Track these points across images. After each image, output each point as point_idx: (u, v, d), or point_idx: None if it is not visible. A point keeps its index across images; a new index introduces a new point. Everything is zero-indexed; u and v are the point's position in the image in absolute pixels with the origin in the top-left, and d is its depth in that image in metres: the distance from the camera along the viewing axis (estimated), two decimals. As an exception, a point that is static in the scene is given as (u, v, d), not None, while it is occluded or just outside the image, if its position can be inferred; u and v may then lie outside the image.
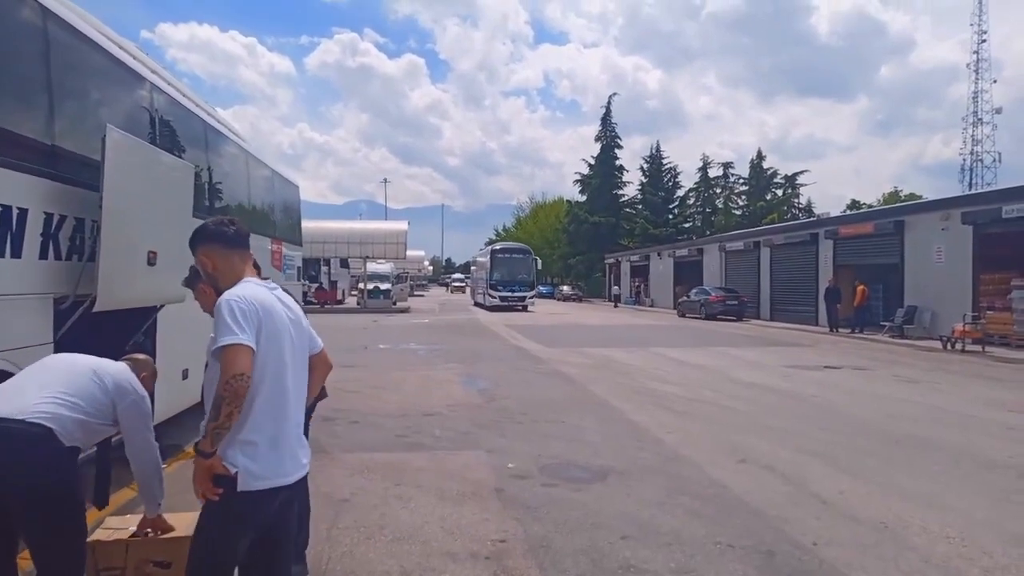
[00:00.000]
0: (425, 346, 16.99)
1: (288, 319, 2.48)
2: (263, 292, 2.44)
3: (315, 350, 2.68)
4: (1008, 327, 17.31)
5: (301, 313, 2.62)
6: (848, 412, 8.94)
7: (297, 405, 2.48)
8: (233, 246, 2.56)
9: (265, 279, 2.60)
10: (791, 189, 57.14)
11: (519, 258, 38.78)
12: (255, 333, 2.29)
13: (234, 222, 2.62)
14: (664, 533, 4.45)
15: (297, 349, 2.51)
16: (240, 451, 2.29)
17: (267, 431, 2.34)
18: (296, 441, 2.46)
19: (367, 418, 8.05)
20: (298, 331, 2.53)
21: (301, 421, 2.53)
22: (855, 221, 26.13)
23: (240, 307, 2.29)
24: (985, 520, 4.80)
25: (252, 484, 2.28)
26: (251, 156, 9.94)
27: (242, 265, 2.56)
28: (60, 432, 2.66)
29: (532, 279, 38.49)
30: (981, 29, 67.32)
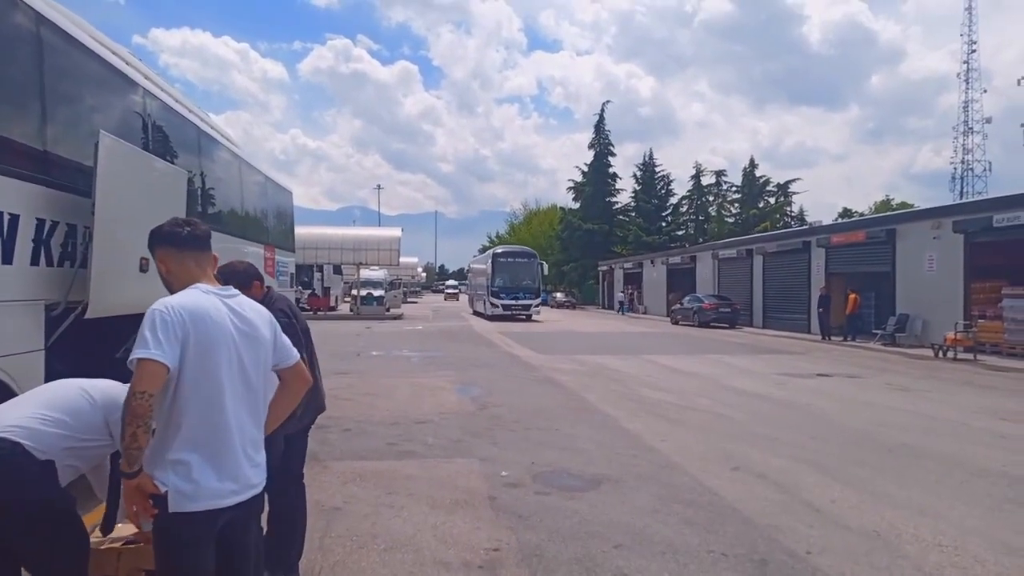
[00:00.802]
0: (418, 353, 16.96)
1: (235, 330, 2.33)
2: (203, 300, 2.29)
3: (286, 363, 2.52)
4: (999, 335, 17.41)
5: (263, 325, 2.45)
6: (840, 420, 8.96)
7: (243, 423, 2.32)
8: (187, 248, 2.43)
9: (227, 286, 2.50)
10: (783, 197, 57.37)
11: (523, 263, 35.55)
12: (177, 346, 2.16)
13: (191, 223, 2.49)
14: (658, 542, 4.44)
15: (246, 363, 2.34)
16: (171, 471, 2.17)
17: (202, 450, 2.21)
18: (243, 461, 2.31)
19: (359, 426, 8.02)
20: (249, 344, 2.36)
21: (254, 439, 2.38)
22: (847, 229, 26.24)
23: (163, 318, 2.17)
24: (977, 529, 4.81)
25: (186, 505, 2.17)
26: (244, 162, 9.92)
27: (197, 269, 2.43)
28: (32, 446, 2.55)
29: (538, 286, 35.09)
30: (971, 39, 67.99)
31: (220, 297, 2.37)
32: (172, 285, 2.41)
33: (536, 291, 34.75)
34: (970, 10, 67.46)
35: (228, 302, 2.38)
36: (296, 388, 2.60)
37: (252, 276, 3.56)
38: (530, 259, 36.05)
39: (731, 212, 59.17)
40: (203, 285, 2.38)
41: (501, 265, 35.05)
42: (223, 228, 8.48)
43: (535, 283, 35.04)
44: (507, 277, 34.54)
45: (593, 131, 62.14)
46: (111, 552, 3.04)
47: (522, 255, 36.71)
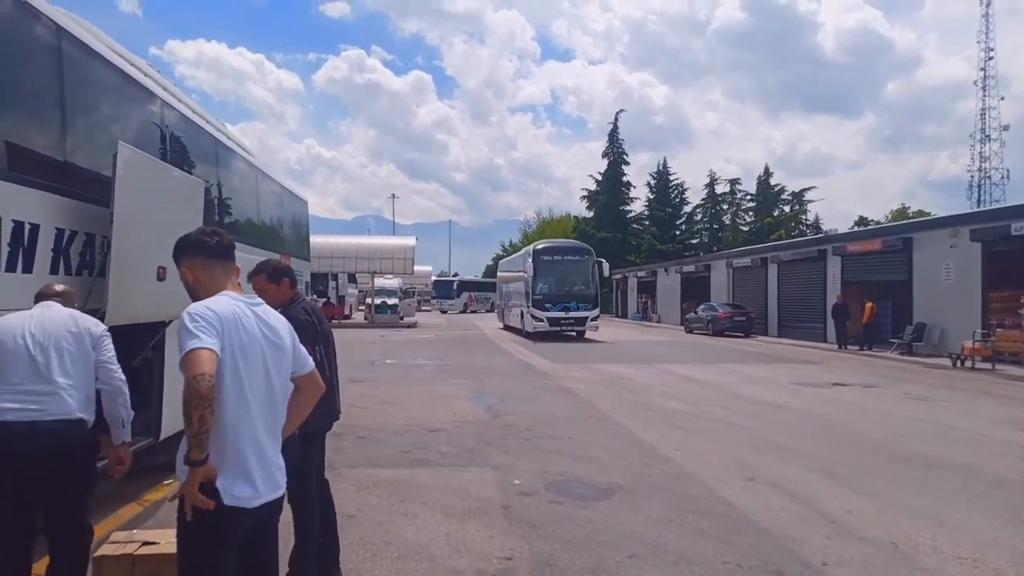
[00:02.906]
0: (432, 361, 16.99)
1: (263, 337, 2.38)
2: (232, 305, 2.34)
3: (303, 371, 2.57)
4: (1018, 345, 17.18)
5: (285, 334, 2.50)
6: (857, 430, 8.88)
7: (268, 427, 2.37)
8: (215, 257, 2.48)
9: (252, 295, 2.54)
10: (798, 205, 57.08)
11: (575, 261, 27.10)
12: (218, 340, 2.20)
13: (218, 233, 2.55)
14: (671, 552, 4.42)
15: (271, 370, 2.38)
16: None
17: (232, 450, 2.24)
18: (269, 463, 2.35)
19: (373, 434, 8.04)
20: (274, 352, 2.41)
21: (275, 443, 2.42)
22: (863, 238, 26.05)
23: (197, 316, 2.21)
24: (997, 540, 4.75)
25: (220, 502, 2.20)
26: (260, 172, 10.01)
27: (224, 278, 2.47)
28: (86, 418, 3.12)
29: (595, 292, 26.72)
30: (988, 46, 67.31)
31: (248, 305, 2.41)
32: (198, 294, 2.44)
33: (593, 299, 26.46)
34: (987, 17, 66.91)
35: (255, 310, 2.43)
36: (311, 394, 2.64)
37: (283, 272, 3.74)
38: (583, 256, 27.37)
39: (745, 220, 58.96)
40: (231, 293, 2.42)
41: (546, 265, 26.60)
42: (239, 237, 8.52)
43: (591, 288, 26.61)
44: (554, 281, 26.38)
45: (607, 140, 62.21)
46: (125, 559, 3.07)
47: (573, 251, 28.07)
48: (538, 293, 25.95)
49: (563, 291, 26.14)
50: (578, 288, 26.40)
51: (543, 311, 25.55)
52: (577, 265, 27.00)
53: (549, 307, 25.60)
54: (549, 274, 26.45)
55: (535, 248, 27.90)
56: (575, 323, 25.85)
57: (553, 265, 26.76)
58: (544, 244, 29.40)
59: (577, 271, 26.86)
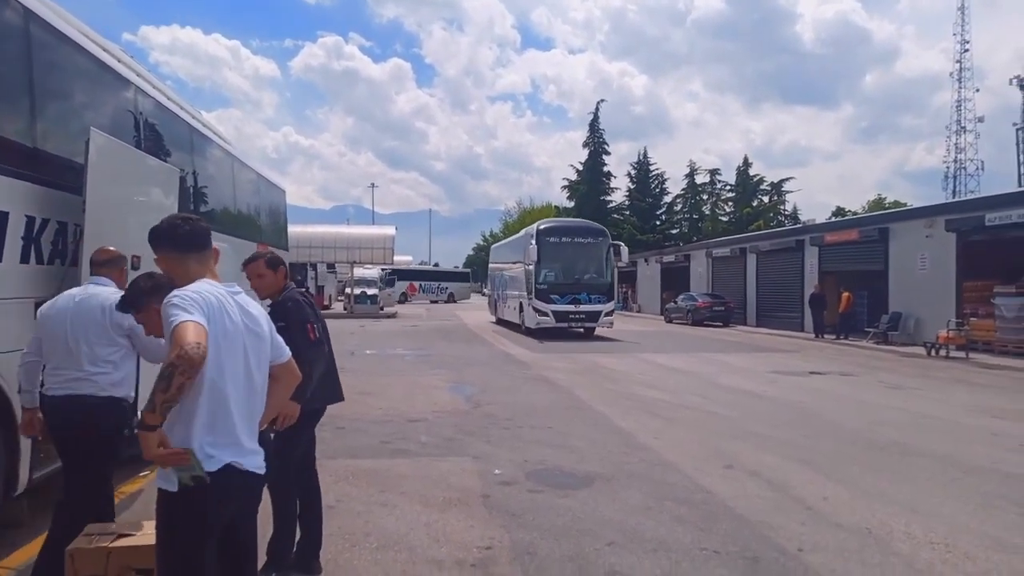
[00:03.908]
0: (412, 351, 16.94)
1: (245, 326, 2.35)
2: (214, 290, 2.30)
3: (280, 360, 2.54)
4: (991, 334, 17.49)
5: (264, 322, 2.46)
6: (833, 418, 8.99)
7: (246, 413, 2.34)
8: (188, 250, 2.41)
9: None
10: (777, 196, 57.49)
11: (587, 244, 22.75)
12: (205, 316, 2.16)
13: (190, 220, 2.48)
14: (650, 539, 4.45)
15: (251, 359, 2.36)
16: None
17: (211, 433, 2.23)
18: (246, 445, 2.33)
19: (353, 424, 8.00)
20: (254, 340, 2.38)
21: (253, 429, 2.40)
22: (840, 228, 26.32)
23: (187, 295, 2.19)
24: (968, 525, 4.83)
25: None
26: (236, 160, 9.89)
27: (200, 267, 2.41)
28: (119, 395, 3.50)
29: (610, 281, 22.71)
30: (964, 39, 68.06)
31: (228, 292, 2.38)
32: (176, 280, 2.39)
33: (608, 289, 22.50)
34: (963, 9, 67.61)
35: (236, 298, 2.39)
36: (288, 383, 2.63)
37: (280, 261, 3.90)
38: (597, 238, 23.01)
39: (725, 211, 59.30)
40: (210, 281, 2.37)
41: (551, 248, 22.22)
42: (215, 226, 8.43)
43: (605, 276, 22.58)
44: (561, 267, 22.24)
45: (587, 130, 62.18)
46: (100, 551, 3.03)
47: (584, 231, 23.50)
48: (542, 282, 21.78)
49: (572, 280, 22.01)
50: (590, 276, 22.31)
51: (548, 303, 21.59)
52: (589, 248, 22.64)
53: (555, 299, 21.62)
54: (555, 259, 22.14)
55: (539, 228, 23.08)
56: (586, 318, 21.82)
57: (560, 248, 22.35)
58: (549, 223, 24.59)
59: (589, 256, 22.57)
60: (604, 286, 22.40)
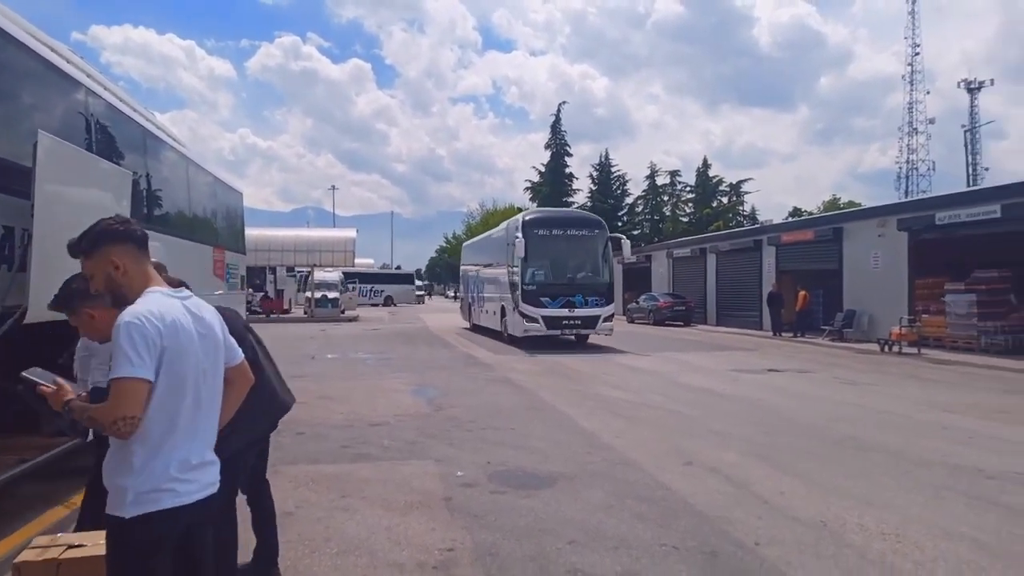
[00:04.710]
0: (374, 355, 16.81)
1: (197, 335, 2.26)
2: (171, 305, 2.22)
3: (233, 362, 2.48)
4: (942, 330, 18.01)
5: (216, 325, 2.39)
6: (790, 414, 9.17)
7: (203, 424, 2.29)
8: (144, 248, 2.31)
9: (179, 286, 2.42)
10: (736, 197, 58.54)
11: (582, 237, 19.57)
12: (156, 359, 2.09)
13: (132, 222, 2.37)
14: (610, 537, 4.49)
15: (206, 366, 2.29)
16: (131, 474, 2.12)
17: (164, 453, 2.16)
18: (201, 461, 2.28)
19: (313, 429, 7.92)
20: (208, 347, 2.31)
21: (210, 440, 2.34)
22: (796, 228, 26.86)
23: (141, 331, 2.07)
24: (919, 516, 4.97)
25: (147, 507, 2.12)
26: (192, 162, 9.73)
27: (152, 271, 2.32)
28: None
29: (609, 280, 19.62)
30: (915, 42, 70.03)
31: (178, 299, 2.29)
32: (124, 288, 2.26)
33: (606, 290, 19.31)
34: (913, 14, 69.56)
35: (186, 304, 2.30)
36: (240, 386, 2.55)
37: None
38: (593, 231, 19.84)
39: (685, 212, 60.15)
40: (161, 288, 2.27)
41: (541, 242, 18.92)
42: (170, 230, 8.30)
43: (603, 275, 19.50)
44: (552, 265, 19.11)
45: (549, 131, 62.54)
46: (49, 564, 2.95)
47: (579, 223, 20.31)
48: (530, 282, 18.56)
49: (566, 279, 18.91)
50: (585, 275, 19.21)
51: (537, 308, 18.40)
52: (584, 242, 19.52)
53: (546, 302, 18.42)
54: (545, 255, 18.99)
55: (525, 219, 19.75)
56: (582, 324, 18.73)
57: (550, 242, 19.16)
58: (537, 213, 21.44)
59: (585, 251, 19.50)
60: (602, 286, 19.18)
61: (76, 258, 2.32)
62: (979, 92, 66.53)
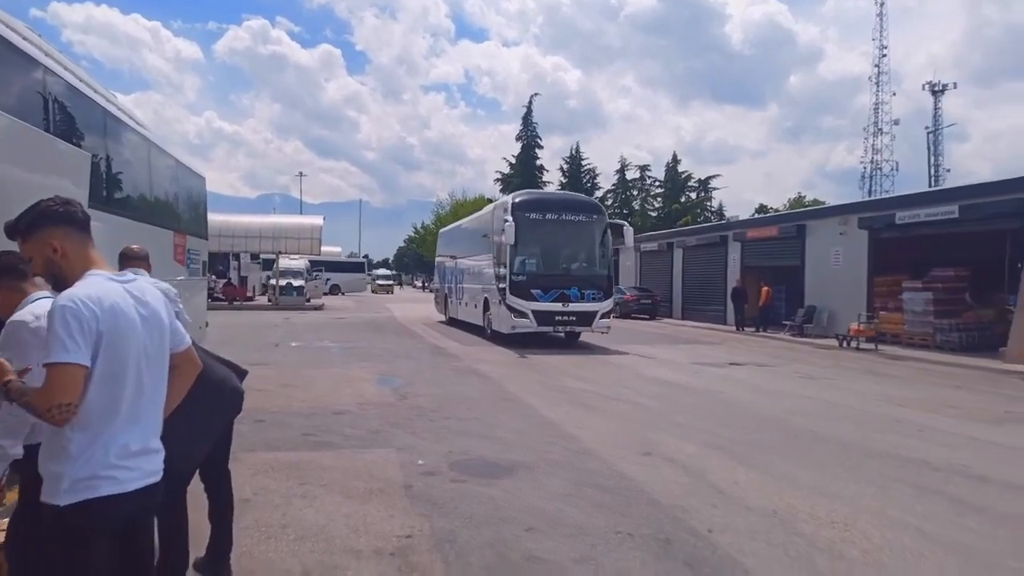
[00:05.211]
0: (338, 344, 16.69)
1: (140, 318, 2.21)
2: (111, 288, 2.17)
3: (179, 348, 2.42)
4: (899, 326, 18.45)
5: (162, 309, 2.33)
6: (750, 407, 9.35)
7: (145, 411, 2.24)
8: (86, 230, 2.27)
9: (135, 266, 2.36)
10: (704, 192, 59.16)
11: (578, 223, 17.44)
12: (92, 344, 2.04)
13: (77, 204, 2.32)
14: (569, 524, 4.55)
15: (150, 351, 2.24)
16: (69, 461, 2.07)
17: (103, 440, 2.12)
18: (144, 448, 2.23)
19: (274, 417, 7.86)
20: (152, 331, 2.25)
21: (155, 427, 2.30)
22: (761, 225, 27.26)
23: (75, 314, 2.01)
24: (868, 507, 5.12)
25: (84, 493, 2.07)
26: (154, 145, 9.56)
27: (94, 254, 2.27)
28: None
29: (607, 272, 17.72)
30: (882, 44, 71.23)
31: (120, 283, 2.23)
32: (65, 271, 2.22)
33: (604, 283, 17.24)
34: (881, 16, 70.72)
35: (128, 287, 2.24)
36: (187, 373, 2.50)
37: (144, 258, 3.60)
38: (591, 216, 17.75)
39: (654, 206, 60.61)
40: (102, 272, 2.22)
41: (532, 227, 16.70)
42: (131, 214, 8.16)
43: (600, 266, 17.54)
44: (544, 253, 17.12)
45: (521, 123, 62.52)
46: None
47: (574, 207, 18.07)
48: (519, 272, 16.49)
49: (560, 270, 17.00)
50: (580, 266, 17.34)
51: (527, 301, 16.30)
52: (581, 229, 17.41)
53: (537, 295, 16.33)
54: (537, 242, 16.88)
55: (515, 201, 17.44)
56: (577, 321, 16.78)
57: (544, 228, 16.97)
58: (529, 195, 18.87)
59: (581, 239, 17.48)
60: (600, 279, 17.12)
61: (13, 240, 2.27)
62: (943, 95, 68.11)
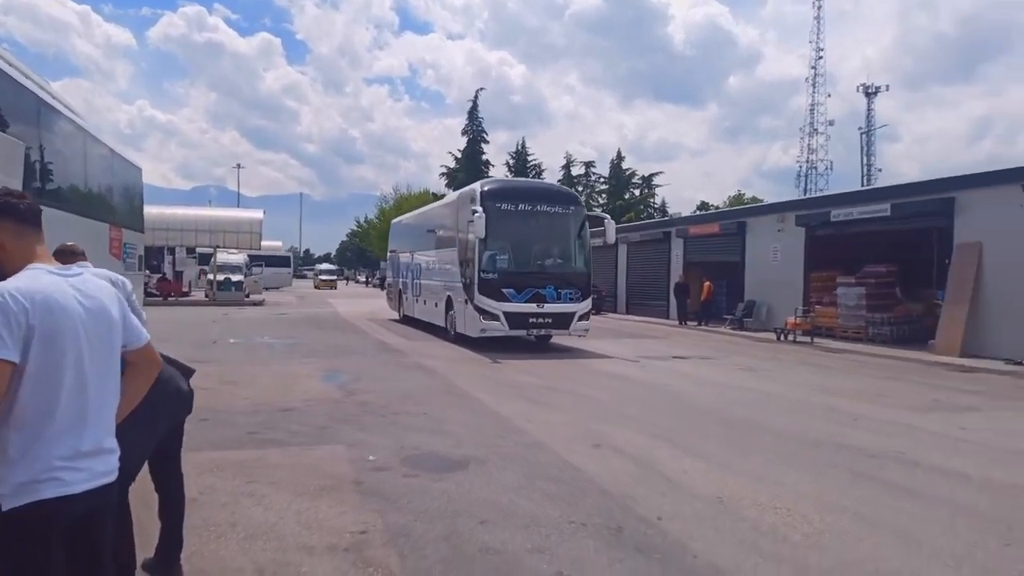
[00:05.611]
0: (281, 340, 16.36)
1: (84, 311, 2.12)
2: (47, 282, 2.08)
3: (135, 345, 2.33)
4: (833, 320, 19.12)
5: (112, 305, 2.24)
6: (694, 399, 9.57)
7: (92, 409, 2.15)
8: (28, 223, 2.19)
9: (73, 263, 2.28)
10: (648, 189, 60.09)
11: (556, 215, 15.75)
12: (21, 338, 1.96)
13: (24, 195, 2.25)
14: (522, 516, 4.59)
15: (96, 347, 2.16)
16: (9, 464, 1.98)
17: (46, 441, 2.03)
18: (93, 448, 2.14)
19: (218, 415, 7.66)
20: (98, 326, 2.17)
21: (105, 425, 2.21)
22: (703, 222, 27.86)
23: (3, 309, 1.93)
24: (807, 492, 5.31)
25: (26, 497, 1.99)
26: (89, 135, 9.22)
27: (39, 248, 2.19)
28: None
29: (585, 269, 16.01)
30: (819, 46, 73.45)
31: (63, 277, 2.15)
32: (3, 264, 2.14)
33: (583, 280, 15.73)
34: (818, 19, 72.89)
35: (72, 281, 2.16)
36: (147, 371, 2.42)
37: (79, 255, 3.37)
38: (567, 207, 16.01)
39: (599, 202, 61.25)
40: (43, 265, 2.14)
41: (503, 219, 15.09)
42: (64, 205, 7.85)
43: (579, 262, 16.03)
44: (515, 248, 15.41)
45: (466, 117, 62.39)
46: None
47: (549, 196, 16.28)
48: (489, 269, 14.86)
49: (534, 267, 15.36)
50: (556, 262, 15.62)
51: (498, 301, 14.65)
52: (558, 222, 15.80)
53: (510, 295, 14.68)
54: (508, 236, 15.28)
55: (484, 189, 15.64)
56: (554, 323, 15.05)
57: (517, 220, 15.37)
58: (498, 183, 17.77)
59: (558, 232, 15.87)
60: (578, 276, 15.64)
61: None
62: (876, 97, 70.77)
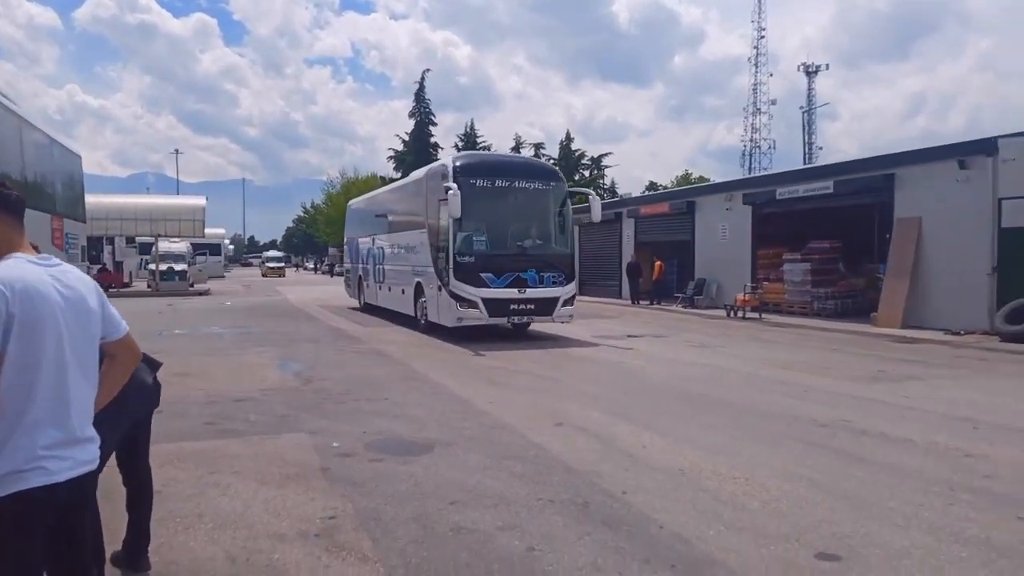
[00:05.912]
0: (230, 330, 16.03)
1: (63, 301, 2.13)
2: (29, 270, 2.09)
3: (114, 336, 2.33)
4: (780, 296, 19.66)
5: (91, 296, 2.26)
6: (650, 376, 9.76)
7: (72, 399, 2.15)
8: (14, 213, 2.20)
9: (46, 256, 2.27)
10: (597, 170, 60.44)
11: (536, 192, 14.28)
12: (1, 325, 1.97)
13: (8, 186, 2.26)
14: (490, 495, 4.65)
15: (76, 336, 2.16)
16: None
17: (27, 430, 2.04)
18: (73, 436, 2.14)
19: (171, 407, 7.40)
20: (77, 316, 2.18)
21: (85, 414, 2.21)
22: (653, 202, 28.20)
23: None
24: (764, 462, 5.49)
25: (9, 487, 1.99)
26: (25, 121, 8.85)
27: (18, 237, 2.19)
28: None
29: (569, 250, 15.00)
30: (761, 26, 74.82)
31: (43, 267, 2.15)
32: None
33: (567, 262, 14.60)
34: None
35: (51, 271, 2.16)
36: (126, 362, 2.42)
37: None
38: (548, 183, 14.59)
39: (548, 184, 61.43)
40: (24, 255, 2.14)
41: (479, 197, 13.55)
42: (1, 195, 7.55)
43: (561, 244, 14.70)
44: (494, 229, 13.87)
45: (413, 99, 61.70)
46: None
47: (528, 171, 14.86)
48: (464, 252, 13.39)
49: (514, 249, 13.81)
50: (537, 243, 14.08)
51: (476, 287, 13.23)
52: (538, 199, 14.37)
53: (489, 279, 13.28)
54: (485, 215, 13.73)
55: (457, 165, 14.03)
56: (536, 309, 13.75)
57: (495, 198, 13.92)
58: (472, 157, 16.92)
59: (539, 211, 14.40)
60: (561, 258, 14.37)
61: None
62: (816, 76, 72.44)
